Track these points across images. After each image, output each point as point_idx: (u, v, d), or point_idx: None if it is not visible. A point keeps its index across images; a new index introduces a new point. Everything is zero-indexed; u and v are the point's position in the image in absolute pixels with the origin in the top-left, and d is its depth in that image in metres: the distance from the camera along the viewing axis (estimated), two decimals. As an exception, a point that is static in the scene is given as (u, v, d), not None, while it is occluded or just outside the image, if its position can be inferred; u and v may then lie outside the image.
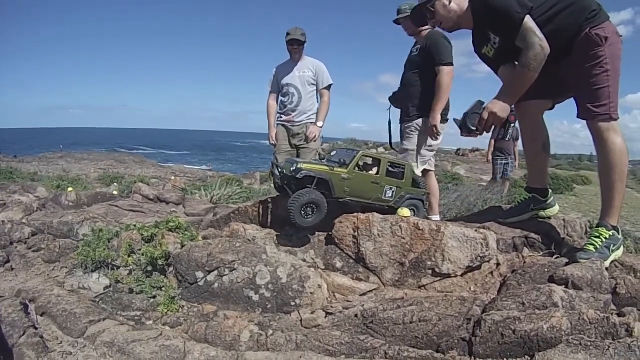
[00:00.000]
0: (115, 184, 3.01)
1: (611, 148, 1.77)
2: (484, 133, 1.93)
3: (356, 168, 1.91)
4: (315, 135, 3.53)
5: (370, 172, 1.99)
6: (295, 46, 3.49)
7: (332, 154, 2.13)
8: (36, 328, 1.75)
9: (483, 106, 1.85)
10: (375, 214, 1.74)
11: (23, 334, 1.68)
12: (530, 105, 2.02)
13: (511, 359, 1.36)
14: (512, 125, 1.88)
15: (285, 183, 1.97)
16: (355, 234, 1.71)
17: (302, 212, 1.76)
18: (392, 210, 2.00)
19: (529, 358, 1.37)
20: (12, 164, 11.14)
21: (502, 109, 1.81)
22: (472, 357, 1.41)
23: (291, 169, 1.81)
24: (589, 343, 1.35)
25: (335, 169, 1.85)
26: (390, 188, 1.99)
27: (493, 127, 1.87)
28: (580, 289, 1.68)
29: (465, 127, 1.86)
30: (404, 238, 1.66)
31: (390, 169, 2.04)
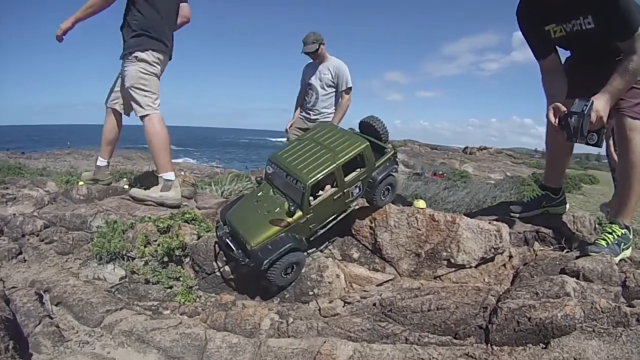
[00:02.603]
0: (125, 179, 3.07)
1: (634, 149, 1.83)
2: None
3: (311, 199, 1.62)
4: None
5: (326, 188, 1.68)
6: (312, 55, 3.74)
7: (268, 170, 1.80)
8: (52, 318, 1.79)
9: (590, 107, 1.68)
10: (392, 205, 1.81)
11: (39, 324, 1.71)
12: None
13: (527, 345, 1.43)
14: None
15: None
16: (373, 225, 1.78)
17: (283, 275, 1.61)
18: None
19: (544, 345, 1.44)
20: (21, 160, 11.21)
21: (606, 112, 1.73)
22: (489, 345, 1.47)
23: (244, 257, 1.57)
24: (602, 330, 1.43)
25: (288, 220, 1.58)
26: (356, 186, 1.70)
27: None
28: (591, 281, 1.76)
29: (581, 133, 1.67)
30: (420, 229, 1.73)
31: (347, 167, 1.69)
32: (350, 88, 3.83)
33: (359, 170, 1.71)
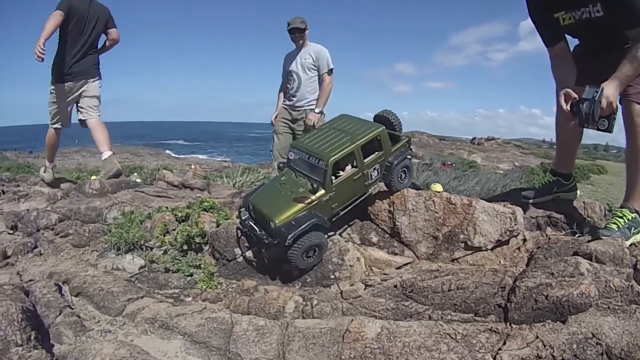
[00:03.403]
0: (135, 173, 3.13)
1: None
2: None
3: (333, 178, 1.70)
4: (313, 122, 3.74)
5: (347, 169, 1.77)
6: (297, 34, 3.79)
7: (291, 156, 1.89)
8: (72, 308, 1.84)
9: (600, 93, 1.74)
10: (409, 189, 1.88)
11: (59, 314, 1.75)
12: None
13: (546, 322, 1.50)
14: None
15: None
16: (391, 209, 1.85)
17: (305, 257, 1.67)
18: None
19: (560, 324, 1.51)
20: (29, 159, 11.26)
21: (616, 98, 1.80)
22: (508, 324, 1.54)
23: (268, 236, 1.63)
24: (617, 307, 1.50)
25: (312, 197, 1.66)
26: (374, 168, 1.80)
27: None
28: (603, 263, 1.83)
29: (592, 119, 1.75)
30: (437, 212, 1.80)
31: (365, 150, 1.78)
32: (332, 70, 3.85)
33: (377, 153, 1.80)
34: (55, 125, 3.72)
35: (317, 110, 3.81)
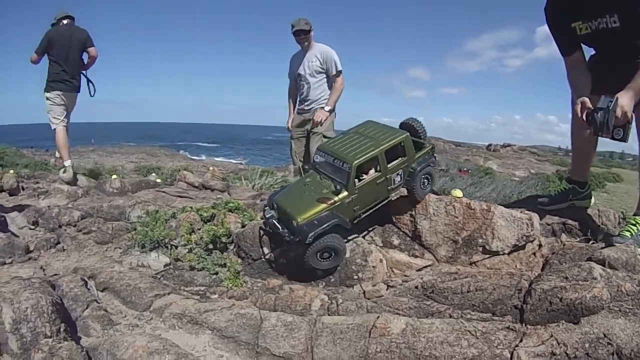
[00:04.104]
0: (154, 174, 3.30)
1: None
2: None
3: (356, 180, 1.83)
4: (321, 119, 3.87)
5: (370, 172, 1.90)
6: (302, 36, 3.91)
7: (316, 159, 2.04)
8: (99, 302, 1.99)
9: (615, 103, 1.85)
10: (430, 194, 2.05)
11: (87, 308, 1.89)
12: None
13: (560, 322, 1.65)
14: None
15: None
16: (413, 213, 2.02)
17: (319, 257, 1.79)
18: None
19: (573, 324, 1.67)
20: (45, 157, 11.66)
21: (630, 107, 1.89)
22: (524, 324, 1.70)
23: (290, 234, 1.76)
24: (627, 310, 1.66)
25: (334, 198, 1.79)
26: (397, 174, 1.93)
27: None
28: (616, 269, 1.99)
29: (606, 128, 1.87)
30: (457, 217, 1.96)
31: (389, 155, 1.90)
32: (341, 71, 3.97)
33: (400, 159, 1.95)
34: (61, 124, 4.43)
35: (326, 109, 3.92)
